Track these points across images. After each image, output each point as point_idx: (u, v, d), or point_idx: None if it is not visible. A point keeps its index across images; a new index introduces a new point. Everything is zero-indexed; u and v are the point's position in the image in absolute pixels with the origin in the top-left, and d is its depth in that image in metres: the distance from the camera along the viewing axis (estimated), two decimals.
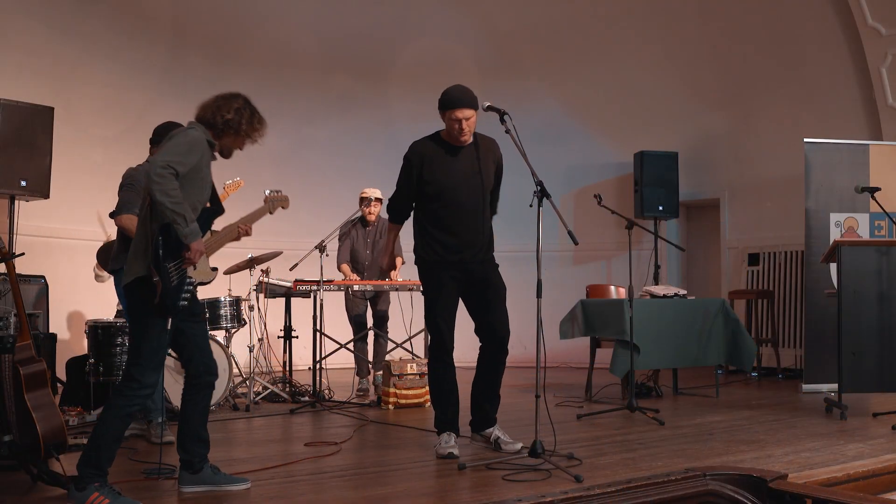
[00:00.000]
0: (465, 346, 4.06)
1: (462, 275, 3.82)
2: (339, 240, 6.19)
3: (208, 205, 3.17)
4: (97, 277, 6.09)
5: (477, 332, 3.91)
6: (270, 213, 3.72)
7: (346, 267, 6.17)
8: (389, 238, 4.21)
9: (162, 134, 4.19)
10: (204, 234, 3.09)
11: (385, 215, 6.21)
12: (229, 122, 3.10)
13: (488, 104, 3.80)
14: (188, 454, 3.11)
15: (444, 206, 3.80)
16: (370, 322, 6.28)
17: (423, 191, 3.83)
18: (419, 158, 3.83)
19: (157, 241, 2.93)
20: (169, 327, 2.99)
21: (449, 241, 3.79)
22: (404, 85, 8.59)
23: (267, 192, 3.67)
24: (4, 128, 5.75)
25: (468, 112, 3.72)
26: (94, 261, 5.85)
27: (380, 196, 6.20)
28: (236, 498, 3.00)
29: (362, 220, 6.19)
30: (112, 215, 4.28)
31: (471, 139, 3.84)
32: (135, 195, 4.09)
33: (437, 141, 3.89)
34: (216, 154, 3.18)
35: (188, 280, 3.03)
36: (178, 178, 2.92)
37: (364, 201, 6.20)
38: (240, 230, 3.66)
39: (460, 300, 3.91)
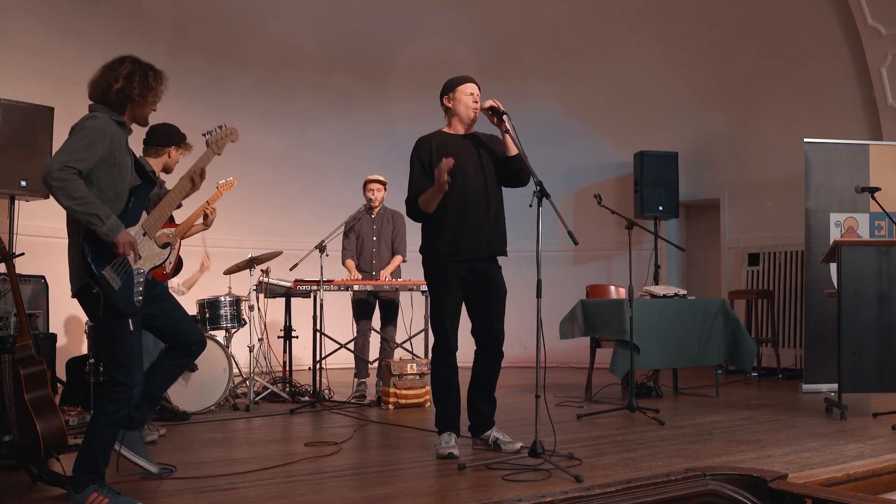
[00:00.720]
0: (465, 347, 4.05)
1: (468, 274, 3.82)
2: (344, 235, 6.18)
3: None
4: None
5: (474, 333, 3.91)
6: (217, 153, 3.33)
7: (350, 262, 6.15)
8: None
9: (157, 135, 4.20)
10: (140, 215, 2.97)
11: (389, 206, 6.24)
12: (123, 92, 2.90)
13: (485, 103, 3.82)
14: (140, 410, 3.19)
15: (453, 196, 3.79)
16: (374, 315, 6.20)
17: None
18: (428, 149, 3.86)
19: (83, 251, 2.81)
20: (132, 326, 2.90)
21: (459, 231, 3.78)
22: (404, 85, 8.60)
23: (206, 134, 3.34)
24: (4, 128, 5.75)
25: (476, 87, 3.90)
26: None
27: (383, 179, 6.19)
28: (238, 497, 2.99)
29: (367, 210, 6.16)
30: None
31: (475, 117, 3.91)
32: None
33: (442, 134, 3.94)
34: (130, 127, 3.01)
35: (137, 272, 2.91)
36: (84, 175, 2.75)
37: (366, 185, 6.18)
38: (192, 178, 3.20)
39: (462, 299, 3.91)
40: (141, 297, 2.92)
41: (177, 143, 4.25)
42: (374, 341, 6.13)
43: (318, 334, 5.66)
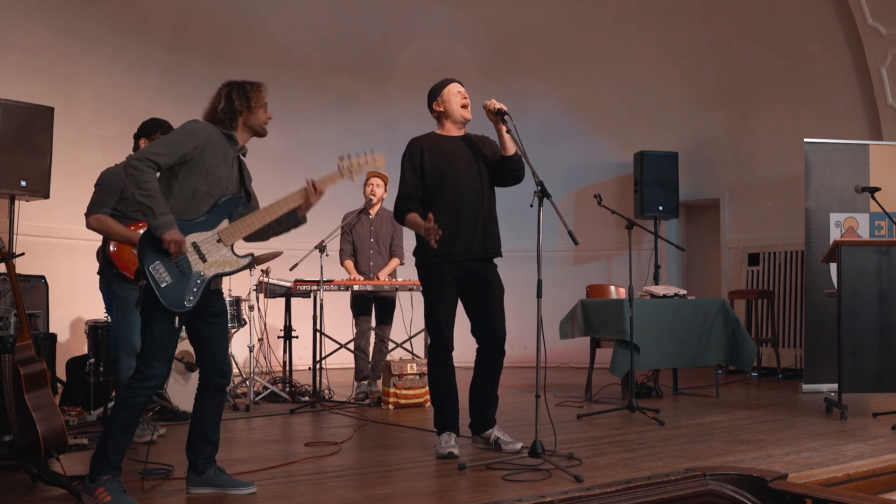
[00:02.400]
0: (465, 347, 4.05)
1: (463, 274, 3.82)
2: (342, 236, 6.17)
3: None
4: None
5: (473, 332, 3.91)
6: (349, 178, 3.42)
7: (349, 263, 6.15)
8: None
9: (147, 128, 4.25)
10: (218, 222, 3.05)
11: (389, 207, 6.21)
12: (227, 110, 3.12)
13: (485, 105, 3.81)
14: (194, 454, 3.11)
15: (446, 197, 3.80)
16: (372, 313, 6.19)
17: (425, 183, 3.84)
18: (419, 150, 3.86)
19: (140, 246, 2.92)
20: (177, 324, 2.95)
21: (453, 232, 3.77)
22: (404, 85, 8.59)
23: (343, 158, 3.41)
24: (4, 128, 5.75)
25: (461, 85, 3.92)
26: (95, 261, 5.85)
27: (384, 174, 6.17)
28: (237, 498, 2.99)
29: (365, 211, 6.15)
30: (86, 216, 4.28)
31: (470, 117, 3.90)
32: (104, 196, 4.13)
33: (434, 136, 3.94)
34: (243, 145, 3.21)
35: (197, 274, 2.98)
36: (162, 169, 2.93)
37: (367, 179, 6.16)
38: (307, 190, 3.24)
39: (459, 300, 3.91)
40: (192, 298, 2.95)
41: (145, 135, 4.26)
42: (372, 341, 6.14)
43: (318, 334, 5.66)
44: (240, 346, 6.21)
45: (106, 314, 5.13)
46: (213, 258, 3.04)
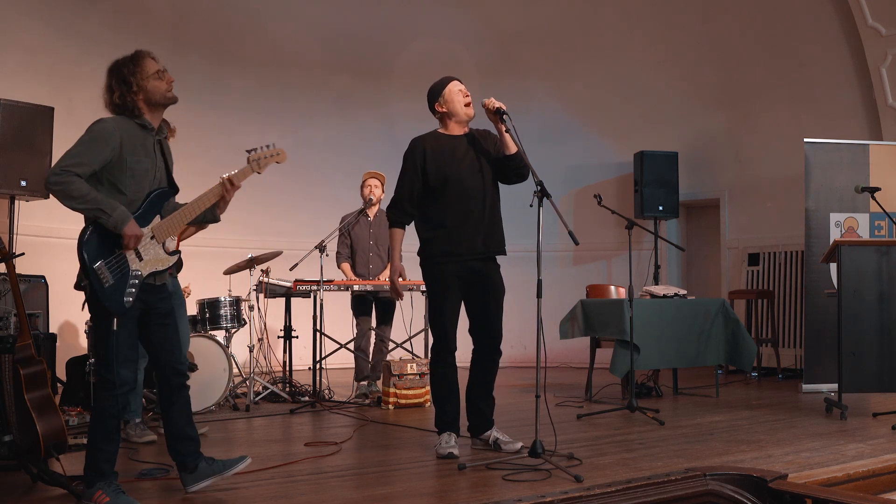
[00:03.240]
0: (464, 347, 4.05)
1: (466, 273, 3.82)
2: (339, 238, 6.16)
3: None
4: None
5: (471, 331, 3.90)
6: (258, 172, 3.26)
7: (346, 266, 6.15)
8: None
9: None
10: (151, 219, 2.96)
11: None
12: (119, 100, 2.96)
13: (484, 104, 3.81)
14: (180, 455, 3.07)
15: (450, 197, 3.79)
16: (372, 313, 6.20)
17: (428, 184, 3.82)
18: (422, 151, 3.84)
19: (79, 244, 2.82)
20: (116, 326, 2.86)
21: (456, 231, 3.77)
22: (404, 85, 8.59)
23: (250, 151, 3.26)
24: (4, 128, 5.75)
25: (461, 83, 3.91)
26: None
27: (381, 175, 6.17)
28: (238, 497, 3.00)
29: (363, 212, 6.15)
30: None
31: (473, 113, 3.89)
32: None
33: (437, 136, 3.91)
34: (158, 126, 3.04)
35: (134, 273, 2.89)
36: (86, 177, 2.81)
37: (364, 181, 6.16)
38: (224, 186, 3.12)
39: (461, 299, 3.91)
40: (131, 299, 2.86)
41: None
42: (372, 341, 6.13)
43: (318, 334, 5.66)
44: (240, 346, 6.20)
45: None
46: (149, 256, 2.96)
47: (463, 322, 3.89)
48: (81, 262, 2.82)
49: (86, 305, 3.03)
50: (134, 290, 2.88)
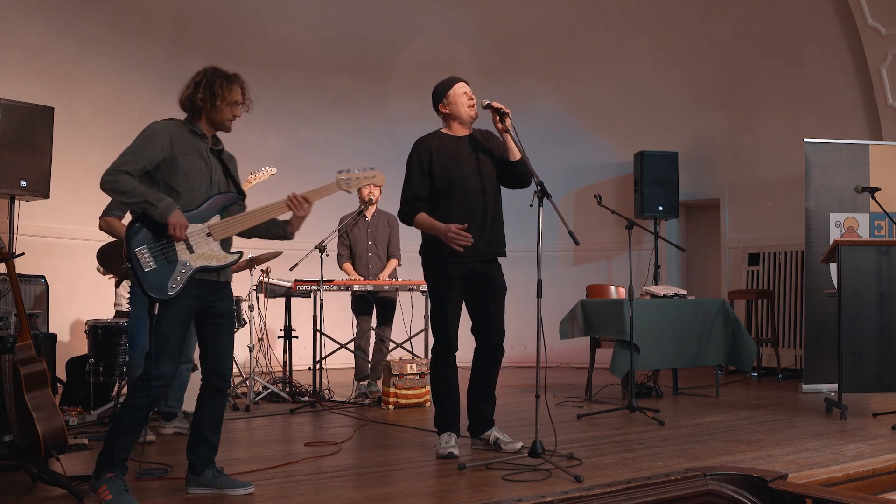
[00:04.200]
0: (466, 347, 4.05)
1: (468, 274, 3.82)
2: (339, 239, 6.17)
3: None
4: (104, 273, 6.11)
5: (473, 331, 3.91)
6: (346, 190, 3.32)
7: (347, 266, 6.15)
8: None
9: None
10: (209, 217, 3.05)
11: (386, 209, 6.22)
12: (192, 99, 3.10)
13: (487, 102, 3.81)
14: (193, 456, 3.11)
15: (453, 199, 3.78)
16: (373, 313, 6.19)
17: (433, 184, 3.82)
18: (427, 151, 3.83)
19: (126, 230, 2.93)
20: (160, 313, 2.93)
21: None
22: (404, 85, 8.59)
23: (342, 172, 3.30)
24: (4, 128, 5.75)
25: (467, 85, 3.90)
26: (95, 261, 5.87)
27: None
28: (237, 498, 2.99)
29: (361, 214, 6.15)
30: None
31: (476, 116, 3.89)
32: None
33: (441, 136, 3.91)
34: (213, 135, 3.15)
35: (183, 263, 2.97)
36: (135, 177, 2.92)
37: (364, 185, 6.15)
38: (290, 203, 3.19)
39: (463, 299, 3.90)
40: (177, 286, 2.93)
41: None
42: (372, 341, 6.13)
43: (318, 334, 5.66)
44: (240, 346, 6.18)
45: (119, 313, 5.15)
46: (201, 250, 3.03)
47: (465, 322, 3.89)
48: (125, 247, 2.91)
49: (84, 305, 3.05)
50: (180, 278, 2.95)
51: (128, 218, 4.15)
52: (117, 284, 5.15)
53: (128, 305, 4.60)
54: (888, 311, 4.97)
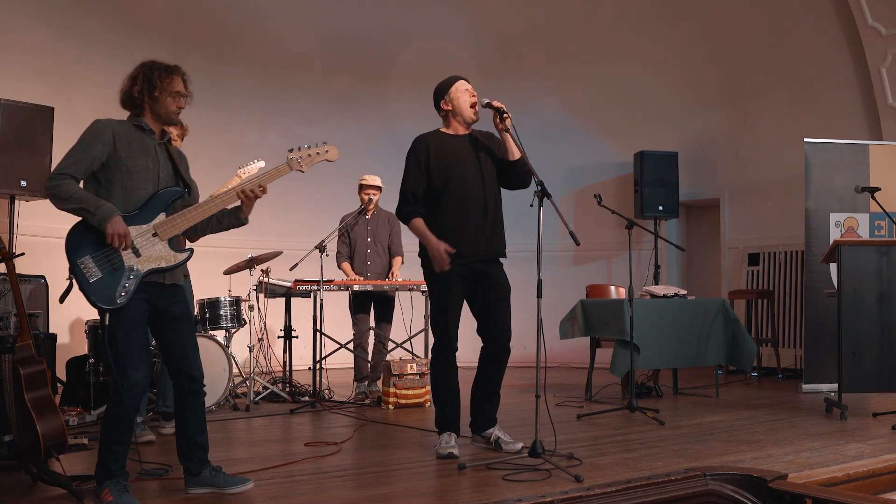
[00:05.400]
0: (466, 347, 4.06)
1: (470, 274, 3.82)
2: (339, 238, 6.17)
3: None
4: None
5: (479, 331, 3.90)
6: (299, 170, 3.18)
7: (346, 265, 6.15)
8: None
9: None
10: (154, 216, 2.96)
11: (385, 207, 6.22)
12: (129, 92, 3.03)
13: (487, 101, 3.81)
14: (186, 459, 3.11)
15: (452, 198, 3.78)
16: (371, 311, 6.19)
17: (431, 183, 3.82)
18: (426, 149, 3.84)
19: (66, 240, 2.87)
20: (111, 322, 2.87)
21: (458, 233, 3.76)
22: (404, 85, 8.59)
23: (292, 150, 3.16)
24: (4, 128, 5.75)
25: (468, 83, 3.89)
26: None
27: (379, 185, 6.17)
28: (237, 498, 3.00)
29: (361, 213, 6.15)
30: None
31: (477, 117, 3.88)
32: None
33: (440, 135, 3.91)
34: (160, 128, 3.08)
35: (130, 269, 2.89)
36: (79, 178, 2.87)
37: (363, 188, 6.17)
38: (241, 193, 3.13)
39: (464, 300, 3.91)
40: (124, 294, 2.86)
41: None
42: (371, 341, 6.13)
43: (318, 334, 5.66)
44: (240, 346, 6.20)
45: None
46: (148, 253, 2.94)
47: (468, 322, 3.89)
48: (68, 256, 2.86)
49: (84, 305, 3.04)
50: (128, 285, 2.87)
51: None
52: (65, 295, 5.10)
53: None
54: (888, 311, 4.97)
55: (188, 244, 3.27)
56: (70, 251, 2.86)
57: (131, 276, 2.89)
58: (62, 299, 3.01)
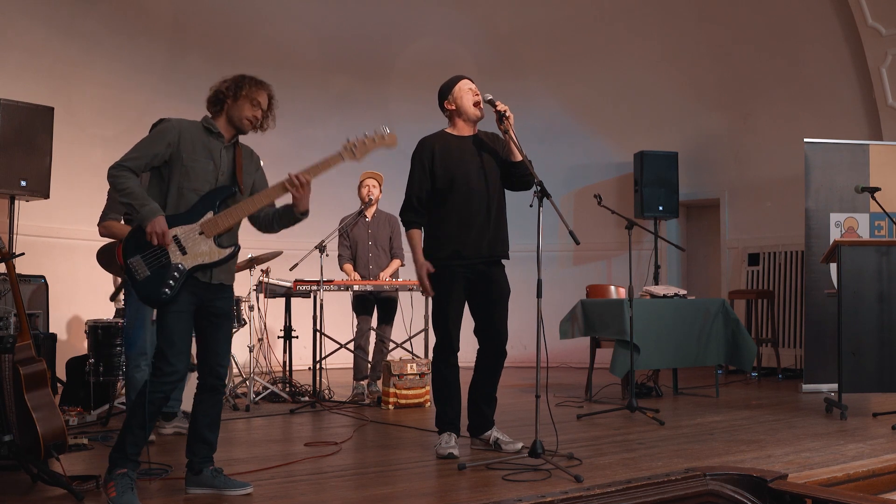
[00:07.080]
0: (467, 347, 4.05)
1: (471, 274, 3.82)
2: (340, 240, 6.16)
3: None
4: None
5: (476, 332, 3.90)
6: (354, 160, 3.15)
7: (348, 267, 6.15)
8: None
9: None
10: (202, 215, 3.04)
11: (387, 210, 6.22)
12: (218, 89, 3.13)
13: (490, 97, 3.82)
14: (191, 454, 3.13)
15: (455, 199, 3.78)
16: (374, 313, 6.19)
17: (435, 185, 3.82)
18: (430, 151, 3.84)
19: (124, 241, 3.00)
20: (158, 315, 3.01)
21: (461, 234, 3.76)
22: (404, 85, 8.59)
23: (350, 139, 3.11)
24: (4, 128, 5.75)
25: (472, 82, 3.89)
26: (94, 261, 5.87)
27: (379, 174, 6.16)
28: (236, 499, 2.99)
29: (362, 213, 6.15)
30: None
31: (482, 114, 3.88)
32: (111, 202, 4.25)
33: (445, 136, 3.91)
34: (229, 134, 3.16)
35: (175, 266, 2.98)
36: (139, 172, 2.98)
37: (362, 183, 6.17)
38: (287, 185, 3.17)
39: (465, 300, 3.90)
40: (168, 290, 2.95)
41: None
42: (372, 341, 6.13)
43: (318, 334, 5.66)
44: (240, 346, 6.18)
45: (119, 312, 5.13)
46: (194, 250, 3.03)
47: (468, 323, 3.89)
48: (122, 256, 2.99)
49: (84, 305, 3.08)
50: (173, 282, 2.97)
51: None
52: (116, 293, 5.13)
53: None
54: (888, 311, 4.97)
55: (236, 240, 3.24)
56: (124, 252, 2.98)
57: (176, 274, 2.99)
58: (113, 297, 3.09)
